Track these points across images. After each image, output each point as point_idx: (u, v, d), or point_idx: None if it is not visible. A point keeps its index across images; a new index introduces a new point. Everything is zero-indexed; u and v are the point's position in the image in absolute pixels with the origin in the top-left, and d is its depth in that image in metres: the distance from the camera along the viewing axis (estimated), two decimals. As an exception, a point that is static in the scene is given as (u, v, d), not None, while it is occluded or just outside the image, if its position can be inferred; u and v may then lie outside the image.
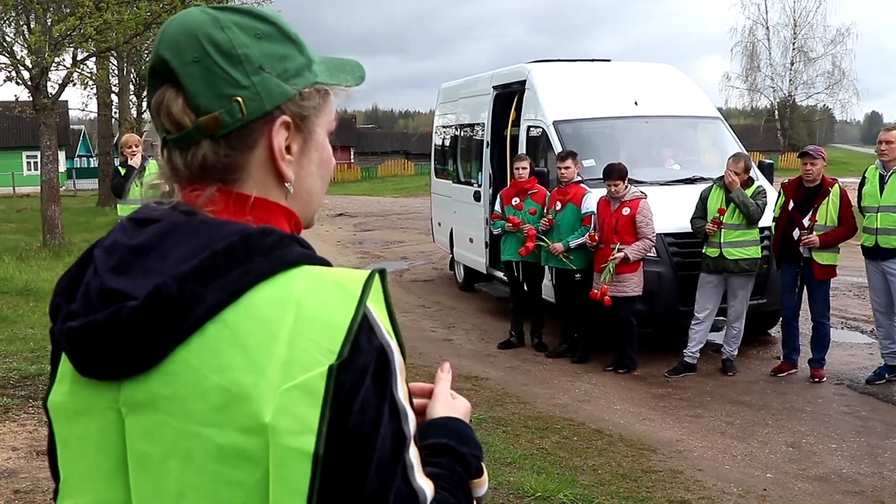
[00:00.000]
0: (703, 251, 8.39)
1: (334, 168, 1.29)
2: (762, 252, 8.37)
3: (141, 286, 1.05)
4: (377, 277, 1.09)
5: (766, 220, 8.49)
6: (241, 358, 1.01)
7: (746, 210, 8.09)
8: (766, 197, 8.33)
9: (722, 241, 8.20)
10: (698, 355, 8.65)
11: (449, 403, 1.31)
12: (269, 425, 0.99)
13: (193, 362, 1.03)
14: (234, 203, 1.14)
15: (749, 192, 8.23)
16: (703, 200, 8.45)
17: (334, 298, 1.05)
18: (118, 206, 10.58)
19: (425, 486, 1.08)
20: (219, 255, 1.05)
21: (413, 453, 1.07)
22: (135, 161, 10.04)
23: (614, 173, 8.55)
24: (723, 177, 8.38)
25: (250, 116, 1.12)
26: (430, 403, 1.31)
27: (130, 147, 10.20)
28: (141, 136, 10.10)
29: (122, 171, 10.35)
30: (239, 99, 1.12)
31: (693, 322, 8.54)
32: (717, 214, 8.19)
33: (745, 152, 9.35)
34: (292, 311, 1.03)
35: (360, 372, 1.02)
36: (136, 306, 1.04)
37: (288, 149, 1.16)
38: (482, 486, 1.25)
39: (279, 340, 1.02)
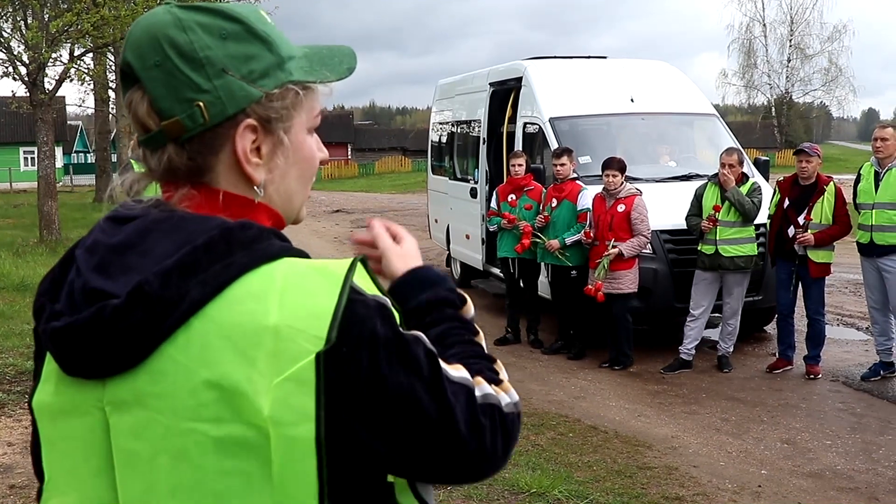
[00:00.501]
0: (699, 248, 8.40)
1: (329, 164, 1.29)
2: (758, 249, 8.39)
3: (123, 284, 1.05)
4: (360, 263, 1.10)
5: (762, 217, 8.51)
6: (230, 352, 1.02)
7: (742, 208, 8.09)
8: (761, 194, 8.33)
9: (718, 238, 8.21)
10: (694, 352, 8.67)
11: (399, 254, 1.38)
12: (270, 417, 1.00)
13: (181, 359, 1.03)
14: (208, 199, 1.14)
15: (744, 188, 8.24)
16: (698, 198, 8.47)
17: (317, 286, 1.05)
18: None
19: (461, 373, 1.15)
20: (199, 249, 1.05)
21: (441, 362, 1.12)
22: None
23: (614, 164, 8.56)
24: (717, 174, 8.39)
25: (213, 121, 1.11)
26: (385, 262, 1.38)
27: None
28: None
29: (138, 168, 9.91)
30: (200, 104, 1.10)
31: (688, 319, 8.55)
32: (713, 212, 8.20)
33: (739, 146, 9.37)
34: (276, 302, 1.03)
35: (370, 337, 1.04)
36: (117, 305, 1.04)
37: (258, 151, 1.15)
38: (470, 309, 1.37)
39: (266, 331, 1.02)
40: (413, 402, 1.06)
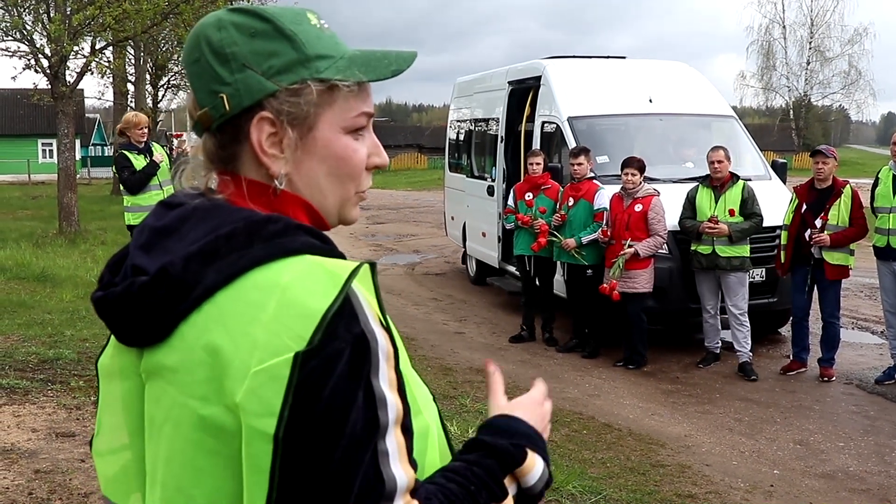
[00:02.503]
0: (694, 249, 8.50)
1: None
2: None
3: (157, 264, 1.14)
4: (366, 267, 1.12)
5: (778, 219, 8.56)
6: (224, 338, 1.07)
7: (749, 234, 8.33)
8: (755, 199, 8.44)
9: (715, 238, 8.30)
10: (720, 344, 8.86)
11: (505, 405, 1.32)
12: (240, 404, 1.04)
13: (189, 338, 1.10)
14: (240, 188, 1.21)
15: (735, 190, 8.40)
16: (691, 200, 8.61)
17: (318, 286, 1.07)
18: (125, 198, 8.95)
19: (401, 474, 1.07)
20: (221, 238, 1.12)
21: (391, 441, 1.07)
22: (158, 157, 8.74)
23: (633, 163, 8.62)
24: (708, 176, 8.54)
25: (232, 111, 1.18)
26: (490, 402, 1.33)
27: (142, 129, 8.76)
28: (156, 124, 9.16)
29: (137, 161, 8.65)
30: (223, 95, 1.18)
31: (705, 316, 8.70)
32: (715, 214, 8.34)
33: (754, 144, 9.45)
34: (276, 297, 1.07)
35: (332, 358, 1.04)
36: (144, 282, 1.12)
37: (280, 144, 1.20)
38: (529, 472, 1.23)
39: (259, 323, 1.06)
40: (323, 453, 1.03)
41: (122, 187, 8.96)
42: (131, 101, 33.90)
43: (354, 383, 1.05)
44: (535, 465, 1.24)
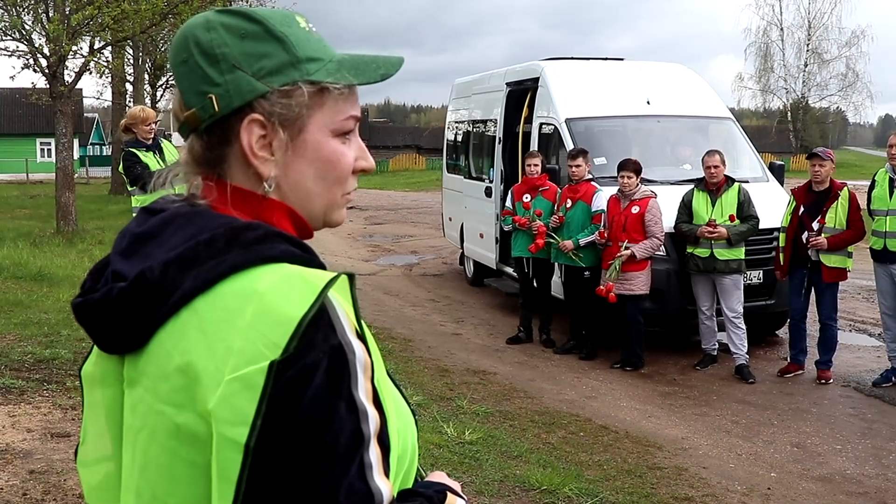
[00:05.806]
0: (691, 252, 8.50)
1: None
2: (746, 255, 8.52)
3: (136, 270, 1.12)
4: (343, 278, 1.10)
5: (776, 221, 8.56)
6: (201, 344, 1.06)
7: (747, 236, 8.37)
8: (751, 201, 8.47)
9: (713, 241, 8.30)
10: (717, 345, 8.84)
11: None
12: (212, 412, 1.03)
13: (166, 344, 1.09)
14: (223, 193, 1.20)
15: (731, 193, 8.42)
16: (687, 204, 8.62)
17: (295, 293, 1.06)
18: (134, 197, 8.37)
19: (384, 486, 1.06)
20: (200, 244, 1.10)
21: (373, 453, 1.05)
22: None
23: (629, 166, 8.63)
24: (703, 179, 8.56)
25: (221, 112, 1.17)
26: None
27: (150, 125, 8.12)
28: (155, 124, 8.49)
29: (147, 158, 7.97)
30: (212, 96, 1.17)
31: (701, 318, 8.69)
32: (712, 217, 8.34)
33: (752, 147, 9.46)
34: (253, 304, 1.06)
35: (310, 368, 1.02)
36: (123, 287, 1.11)
37: (270, 146, 1.18)
38: None
39: (236, 330, 1.05)
40: (304, 466, 1.02)
41: (129, 187, 8.26)
42: (129, 101, 33.89)
43: (334, 395, 1.03)
44: (455, 501, 1.27)
